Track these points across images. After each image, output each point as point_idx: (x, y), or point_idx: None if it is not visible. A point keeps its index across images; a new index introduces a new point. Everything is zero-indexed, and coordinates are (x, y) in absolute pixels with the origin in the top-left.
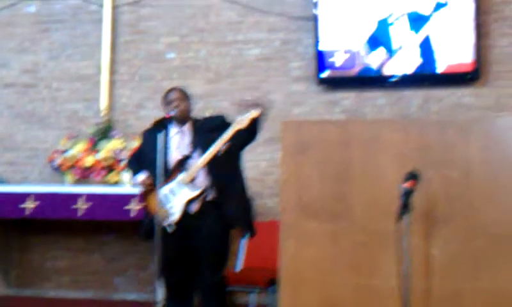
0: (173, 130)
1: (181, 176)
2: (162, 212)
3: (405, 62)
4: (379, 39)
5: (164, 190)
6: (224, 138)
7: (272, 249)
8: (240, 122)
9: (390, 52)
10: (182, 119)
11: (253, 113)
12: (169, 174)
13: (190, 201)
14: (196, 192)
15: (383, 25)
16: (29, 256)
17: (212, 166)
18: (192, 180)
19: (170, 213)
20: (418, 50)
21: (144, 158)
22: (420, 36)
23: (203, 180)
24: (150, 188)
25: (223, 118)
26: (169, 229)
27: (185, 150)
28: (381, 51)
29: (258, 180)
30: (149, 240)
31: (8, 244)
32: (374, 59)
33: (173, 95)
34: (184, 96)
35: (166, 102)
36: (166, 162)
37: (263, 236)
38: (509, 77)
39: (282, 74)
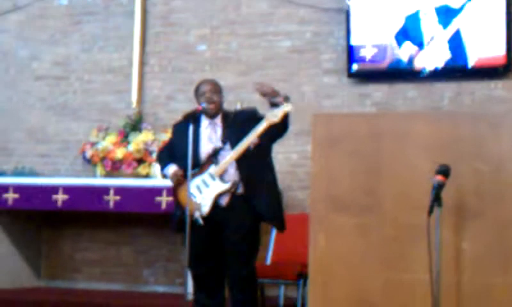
0: (205, 122)
1: (212, 169)
2: (192, 204)
3: (436, 55)
4: (410, 32)
5: (195, 182)
6: (256, 132)
7: (301, 242)
8: (273, 116)
9: (422, 44)
10: (214, 112)
11: (286, 107)
12: (200, 166)
13: (220, 194)
14: (227, 186)
15: (414, 18)
16: (60, 248)
17: (243, 160)
18: (223, 173)
19: (201, 205)
20: (449, 43)
21: (175, 151)
22: (451, 29)
23: (233, 174)
24: (181, 181)
25: (255, 112)
26: (198, 222)
27: (217, 143)
28: (412, 44)
29: (288, 172)
30: (179, 233)
31: (38, 236)
32: (406, 52)
33: (207, 87)
34: (217, 88)
35: (199, 94)
36: (197, 155)
37: (293, 229)
38: None
39: (313, 66)
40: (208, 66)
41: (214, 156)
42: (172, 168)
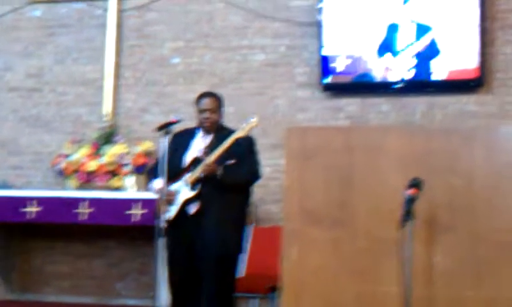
0: (200, 133)
1: (187, 176)
2: (162, 208)
3: (409, 69)
4: (383, 45)
5: (172, 188)
6: (225, 145)
7: (274, 255)
8: (240, 131)
9: (395, 58)
10: (209, 129)
11: (253, 122)
12: (181, 172)
13: (188, 202)
14: (192, 193)
15: (388, 31)
16: (30, 261)
17: (211, 178)
18: (195, 182)
19: (168, 210)
20: (422, 57)
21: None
22: (424, 43)
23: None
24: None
25: (250, 140)
26: (162, 225)
27: (200, 153)
28: (386, 57)
29: (262, 185)
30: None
31: (9, 248)
32: (379, 65)
33: (208, 105)
34: (217, 105)
35: (199, 109)
36: (182, 162)
37: (266, 242)
38: None
39: (287, 80)
40: (182, 78)
41: (194, 165)
42: (158, 183)
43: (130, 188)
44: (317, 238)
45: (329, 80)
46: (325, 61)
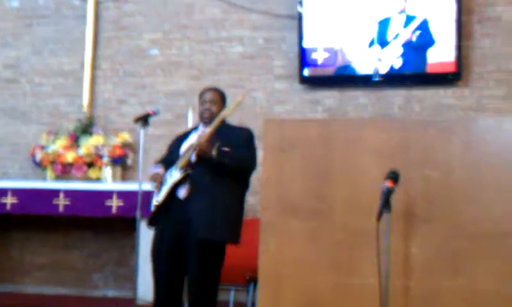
0: (201, 127)
1: (178, 162)
2: (155, 192)
3: (387, 62)
4: (362, 37)
5: (167, 175)
6: (213, 125)
7: (252, 247)
8: (227, 109)
9: (373, 50)
10: (208, 120)
11: (238, 98)
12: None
13: (177, 185)
14: (179, 175)
15: (367, 23)
16: (8, 252)
17: (202, 163)
18: (185, 165)
19: (159, 193)
20: (400, 50)
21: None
22: (402, 36)
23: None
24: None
25: (249, 132)
26: (152, 208)
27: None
28: (364, 50)
29: None
30: (153, 227)
31: None
32: (357, 58)
33: (208, 96)
34: (218, 99)
35: (201, 100)
36: (179, 152)
37: (243, 233)
38: (491, 77)
39: (265, 72)
40: (160, 70)
41: (188, 151)
42: (152, 169)
43: (107, 180)
44: (295, 229)
45: (308, 72)
46: (304, 54)
